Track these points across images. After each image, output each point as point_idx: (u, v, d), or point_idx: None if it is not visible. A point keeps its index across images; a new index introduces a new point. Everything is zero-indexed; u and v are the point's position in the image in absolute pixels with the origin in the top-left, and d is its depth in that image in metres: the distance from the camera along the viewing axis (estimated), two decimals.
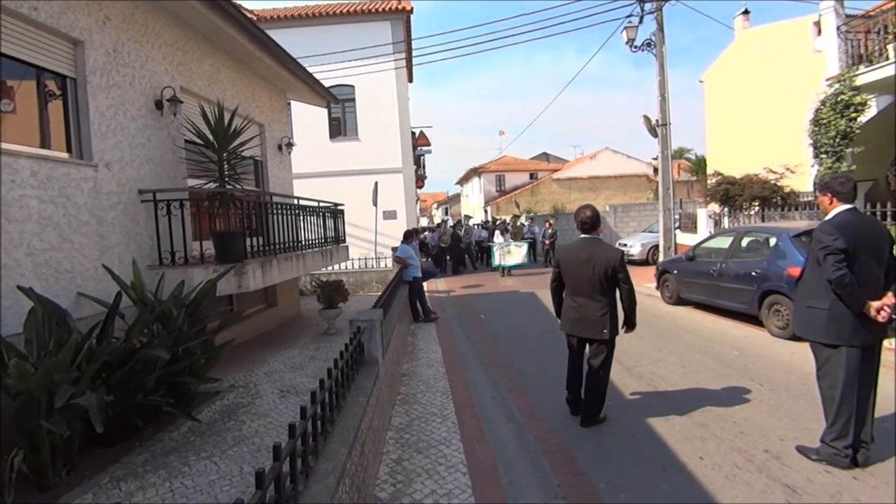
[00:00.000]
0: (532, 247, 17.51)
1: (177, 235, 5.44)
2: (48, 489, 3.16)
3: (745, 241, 7.86)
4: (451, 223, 26.79)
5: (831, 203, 3.29)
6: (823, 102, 10.39)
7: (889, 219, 7.78)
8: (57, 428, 2.96)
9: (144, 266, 5.22)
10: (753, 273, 7.12)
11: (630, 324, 4.05)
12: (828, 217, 3.29)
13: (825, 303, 3.18)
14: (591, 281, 3.92)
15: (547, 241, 17.67)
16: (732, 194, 12.22)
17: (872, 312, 3.05)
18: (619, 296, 4.00)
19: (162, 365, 3.98)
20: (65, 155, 4.61)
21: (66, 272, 4.37)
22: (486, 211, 35.05)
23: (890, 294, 3.10)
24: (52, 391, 3.06)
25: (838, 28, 10.96)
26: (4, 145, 3.92)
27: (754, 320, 7.14)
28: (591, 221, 4.06)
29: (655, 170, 20.13)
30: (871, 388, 3.23)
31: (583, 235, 4.11)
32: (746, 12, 14.93)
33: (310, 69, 9.20)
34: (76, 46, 4.71)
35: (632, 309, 3.99)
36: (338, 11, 15.99)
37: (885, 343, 3.33)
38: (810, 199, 11.06)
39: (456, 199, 52.59)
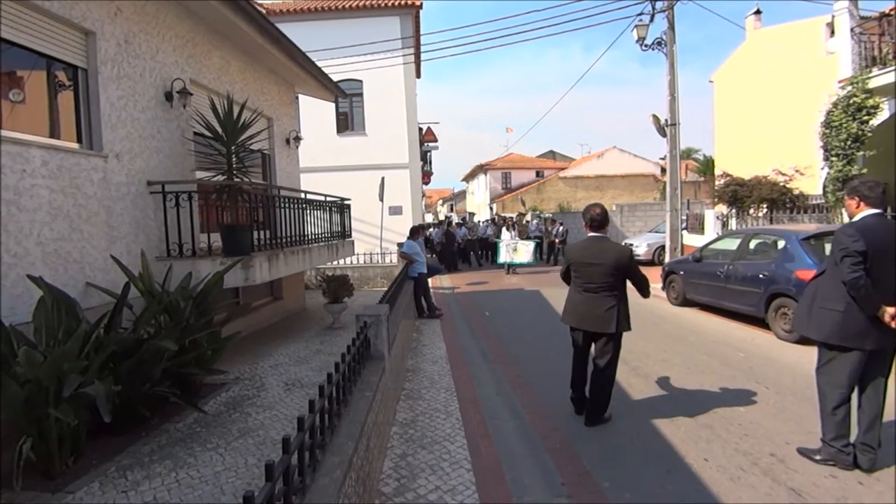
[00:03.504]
0: (539, 245, 17.46)
1: (185, 227, 5.46)
2: (55, 477, 3.19)
3: (752, 243, 7.82)
4: (454, 220, 26.77)
5: (858, 207, 3.27)
6: (835, 104, 10.29)
7: None
8: (65, 416, 2.99)
9: (152, 257, 5.24)
10: (761, 275, 7.07)
11: (645, 291, 4.11)
12: (854, 219, 3.29)
13: (840, 305, 3.17)
14: (600, 279, 3.91)
15: (558, 240, 17.56)
16: (741, 196, 12.14)
17: (887, 318, 3.03)
18: (636, 285, 4.04)
19: (169, 356, 4.00)
20: (75, 145, 4.63)
21: (76, 262, 4.39)
22: (491, 208, 35.00)
23: None
24: (60, 380, 3.08)
25: (852, 30, 10.83)
26: (16, 135, 3.94)
27: (761, 323, 7.10)
28: (600, 219, 4.06)
29: (663, 169, 20.05)
30: (882, 393, 3.21)
31: (591, 234, 4.10)
32: (758, 12, 14.81)
33: (318, 63, 9.18)
34: (88, 37, 4.72)
35: (645, 288, 4.07)
36: (347, 6, 15.97)
37: None
38: (819, 201, 10.97)
39: (461, 195, 52.54)
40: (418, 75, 19.79)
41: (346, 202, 9.87)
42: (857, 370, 3.15)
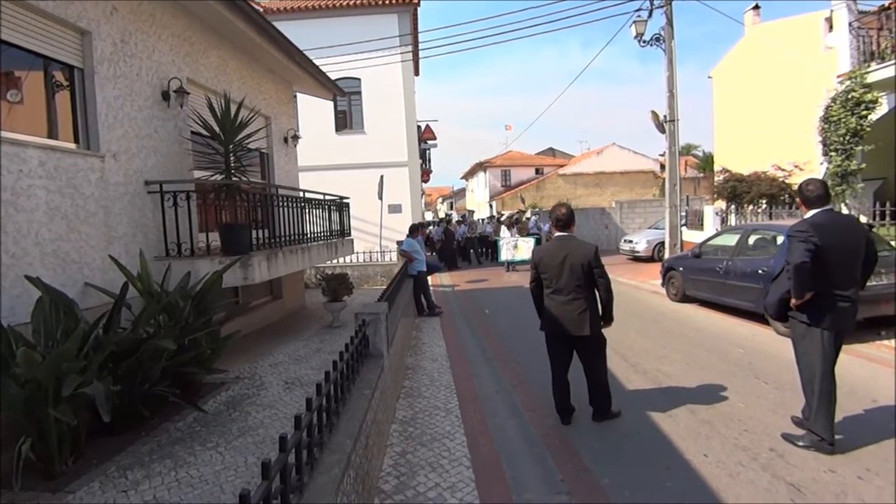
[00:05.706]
0: (539, 243, 17.48)
1: (183, 227, 5.45)
2: (55, 477, 3.19)
3: (752, 239, 7.80)
4: (454, 218, 26.77)
5: (800, 206, 3.58)
6: (834, 100, 10.28)
7: None
8: (64, 416, 2.99)
9: (151, 257, 5.23)
10: (760, 271, 7.06)
11: (608, 318, 4.03)
12: (805, 216, 3.50)
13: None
14: (569, 278, 3.90)
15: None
16: (740, 191, 12.15)
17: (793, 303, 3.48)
18: (597, 290, 3.98)
19: (168, 355, 4.00)
20: (72, 145, 4.62)
21: (74, 262, 4.39)
22: (491, 206, 34.97)
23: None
24: (59, 380, 3.08)
25: (850, 24, 10.80)
26: (13, 135, 3.94)
27: (760, 318, 7.09)
28: (565, 219, 4.08)
29: (662, 166, 20.02)
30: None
31: (557, 234, 4.10)
32: (757, 7, 14.75)
33: (316, 62, 9.16)
34: (84, 36, 4.71)
35: (609, 302, 3.98)
36: (345, 4, 15.92)
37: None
38: None
39: (461, 193, 52.48)
40: (416, 73, 19.75)
41: (345, 201, 9.86)
42: (826, 349, 3.43)
